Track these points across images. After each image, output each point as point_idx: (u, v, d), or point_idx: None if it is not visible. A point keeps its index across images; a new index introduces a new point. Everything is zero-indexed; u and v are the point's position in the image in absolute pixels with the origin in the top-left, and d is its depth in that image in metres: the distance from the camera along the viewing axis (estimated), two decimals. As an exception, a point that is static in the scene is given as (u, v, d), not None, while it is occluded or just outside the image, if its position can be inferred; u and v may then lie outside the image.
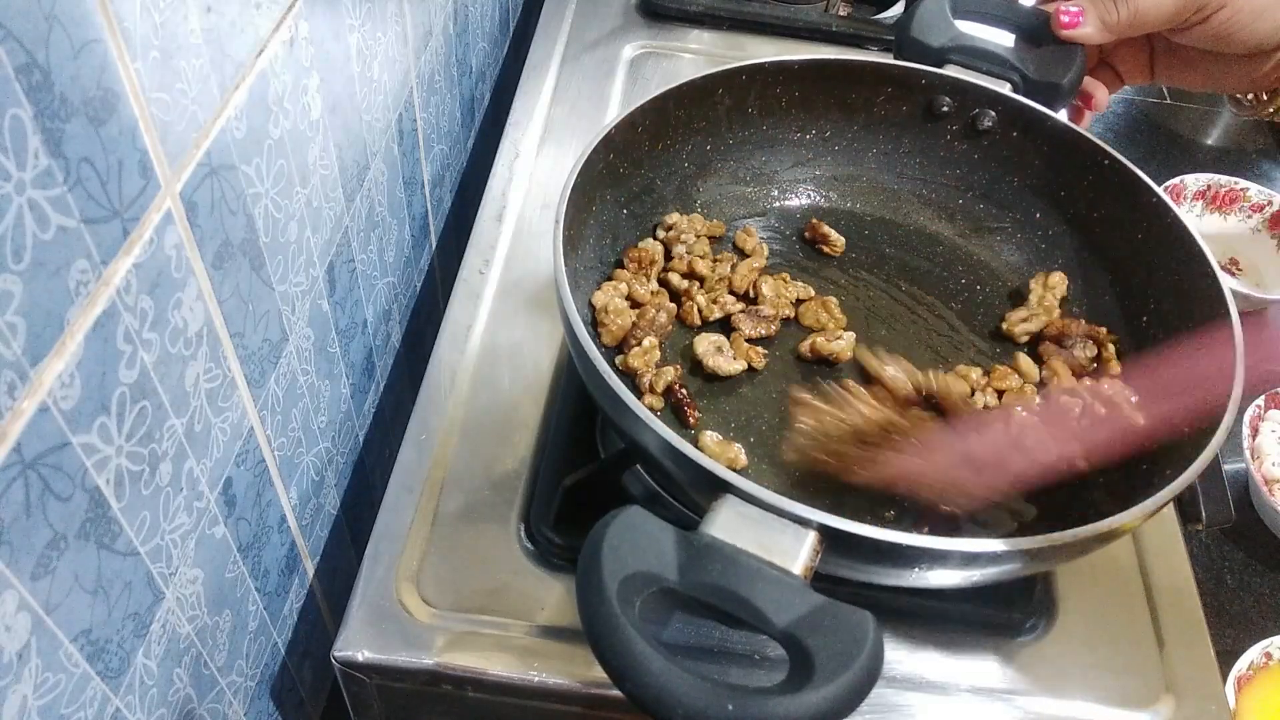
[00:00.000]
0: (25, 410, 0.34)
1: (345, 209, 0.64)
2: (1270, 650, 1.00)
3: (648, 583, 0.41)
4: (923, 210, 0.75)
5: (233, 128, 0.46)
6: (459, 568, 0.59)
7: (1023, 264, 0.72)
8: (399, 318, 0.82)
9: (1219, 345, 0.56)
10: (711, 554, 0.42)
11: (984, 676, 0.58)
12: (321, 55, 0.55)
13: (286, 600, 0.65)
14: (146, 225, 0.40)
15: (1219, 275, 0.59)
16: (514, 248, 0.77)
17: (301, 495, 0.64)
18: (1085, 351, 0.64)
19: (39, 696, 0.38)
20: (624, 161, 0.66)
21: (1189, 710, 0.58)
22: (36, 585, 0.37)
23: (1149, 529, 0.65)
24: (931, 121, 0.73)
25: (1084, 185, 0.68)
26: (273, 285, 0.54)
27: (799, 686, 0.38)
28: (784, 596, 0.41)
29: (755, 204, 0.75)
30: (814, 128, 0.74)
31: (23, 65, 0.31)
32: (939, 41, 0.72)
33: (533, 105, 0.90)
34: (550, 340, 0.71)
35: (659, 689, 0.38)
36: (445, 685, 0.56)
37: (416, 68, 0.75)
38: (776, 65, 0.70)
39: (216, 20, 0.43)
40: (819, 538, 0.43)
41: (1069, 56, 0.71)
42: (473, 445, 0.65)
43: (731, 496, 0.44)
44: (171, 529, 0.47)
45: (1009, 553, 0.46)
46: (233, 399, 0.51)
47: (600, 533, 0.42)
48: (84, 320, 0.37)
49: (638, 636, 0.38)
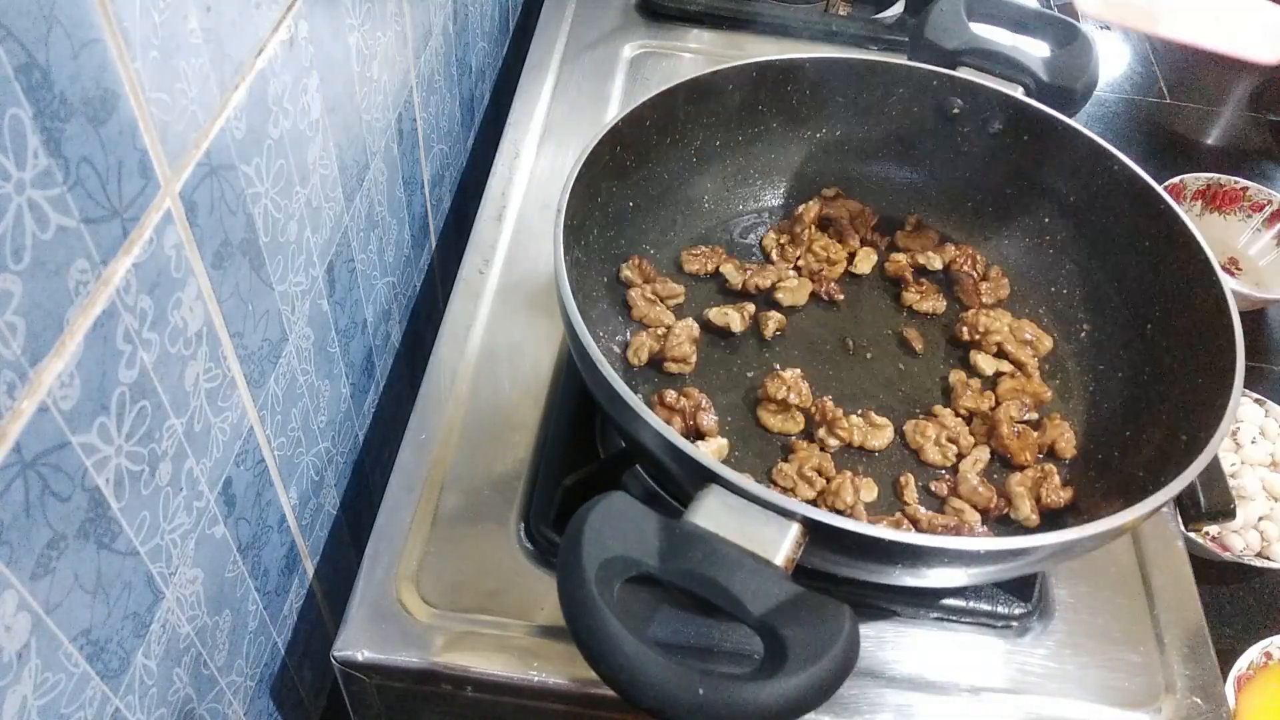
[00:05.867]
0: (25, 410, 0.34)
1: (345, 209, 0.64)
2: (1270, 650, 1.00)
3: (628, 567, 0.42)
4: (931, 211, 0.75)
5: (232, 127, 0.46)
6: (458, 567, 0.59)
7: (1029, 268, 0.72)
8: (399, 317, 0.82)
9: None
10: (693, 541, 0.43)
11: (984, 676, 0.58)
12: (321, 55, 0.55)
13: (286, 600, 0.65)
14: (146, 225, 0.40)
15: (1223, 284, 0.59)
16: (514, 247, 0.77)
17: (301, 495, 0.64)
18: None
19: (39, 696, 0.38)
20: (630, 155, 0.65)
21: (1189, 710, 0.58)
22: (36, 585, 0.37)
23: (1149, 529, 0.65)
24: (943, 123, 0.73)
25: (1093, 191, 0.68)
26: (272, 285, 0.54)
27: (771, 674, 0.39)
28: (763, 586, 0.41)
29: (762, 201, 0.75)
30: (824, 126, 0.74)
31: (23, 65, 0.31)
32: (952, 44, 0.73)
33: (533, 105, 0.90)
34: (550, 340, 0.71)
35: (632, 671, 0.38)
36: (445, 685, 0.56)
37: (416, 67, 0.75)
38: (788, 63, 0.70)
39: (216, 20, 0.43)
40: (802, 530, 0.44)
41: (1082, 62, 0.71)
42: (472, 445, 0.65)
43: (717, 486, 0.45)
44: (171, 529, 0.47)
45: (1004, 552, 0.46)
46: (232, 399, 0.51)
47: (583, 516, 0.42)
48: (84, 320, 0.37)
49: (613, 618, 0.39)
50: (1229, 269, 1.40)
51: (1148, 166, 0.65)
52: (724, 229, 0.74)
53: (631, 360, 0.64)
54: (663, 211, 0.71)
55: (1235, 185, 1.44)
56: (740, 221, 0.74)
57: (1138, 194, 0.65)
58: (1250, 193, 1.44)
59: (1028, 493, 0.59)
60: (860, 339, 0.68)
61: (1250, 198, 1.44)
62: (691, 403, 0.61)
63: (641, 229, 0.69)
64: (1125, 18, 1.86)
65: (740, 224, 0.74)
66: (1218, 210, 1.44)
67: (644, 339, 0.64)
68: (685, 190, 0.72)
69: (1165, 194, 0.64)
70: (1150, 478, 0.53)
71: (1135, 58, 1.87)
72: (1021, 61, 0.72)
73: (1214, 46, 1.79)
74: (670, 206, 0.71)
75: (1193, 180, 1.44)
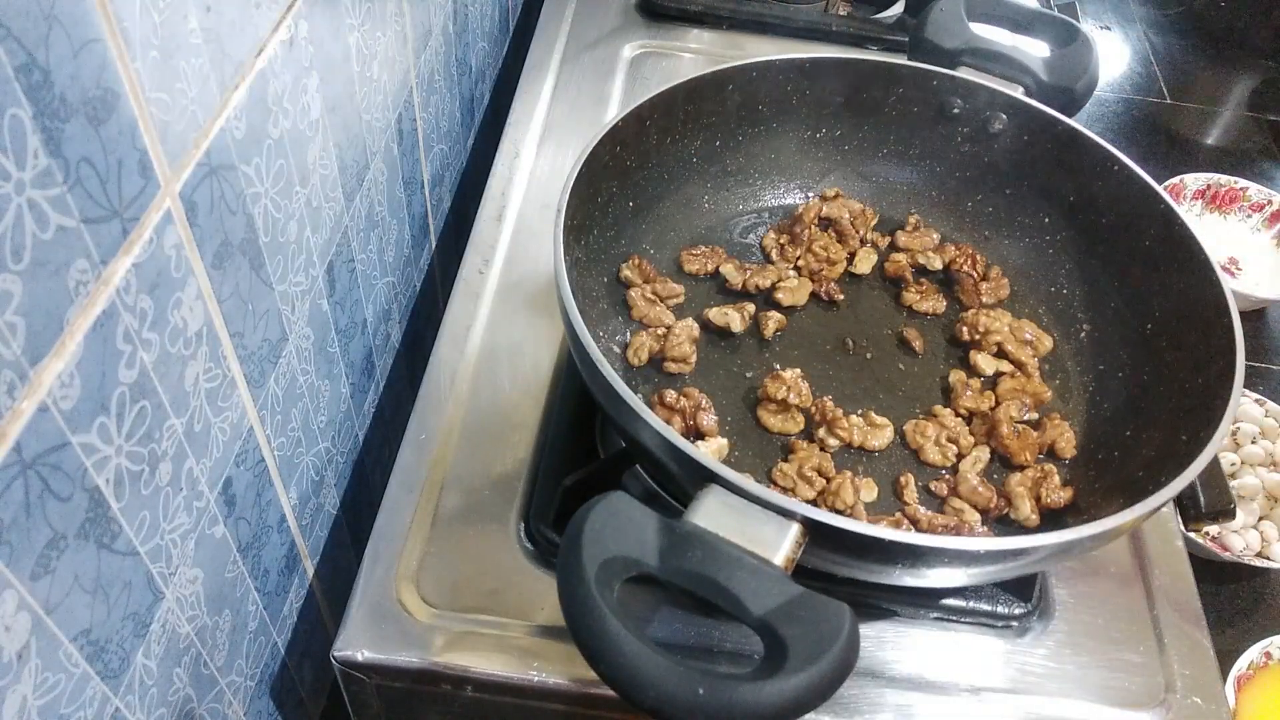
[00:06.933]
0: (25, 410, 0.34)
1: (345, 209, 0.64)
2: (1270, 650, 1.00)
3: (628, 567, 0.42)
4: (931, 211, 0.75)
5: (232, 127, 0.46)
6: (458, 567, 0.59)
7: (1029, 268, 0.72)
8: (399, 317, 0.82)
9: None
10: (693, 541, 0.43)
11: (984, 676, 0.58)
12: (321, 55, 0.55)
13: (286, 600, 0.65)
14: (146, 225, 0.40)
15: (1223, 284, 0.59)
16: (514, 248, 0.77)
17: (301, 495, 0.64)
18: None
19: (39, 696, 0.38)
20: (630, 155, 0.65)
21: (1189, 710, 0.58)
22: (36, 585, 0.37)
23: (1149, 529, 0.65)
24: (942, 123, 0.73)
25: (1093, 191, 0.68)
26: (272, 285, 0.54)
27: (771, 674, 0.39)
28: (762, 585, 0.41)
29: (762, 200, 0.75)
30: (824, 126, 0.74)
31: (23, 65, 0.31)
32: (952, 44, 0.73)
33: (532, 105, 0.90)
34: (550, 340, 0.71)
35: (632, 670, 0.38)
36: (444, 685, 0.56)
37: (416, 67, 0.75)
38: (788, 63, 0.70)
39: (216, 20, 0.43)
40: (802, 530, 0.44)
41: (1082, 62, 0.71)
42: (472, 445, 0.65)
43: (716, 486, 0.45)
44: (171, 529, 0.47)
45: (1004, 552, 0.46)
46: (232, 399, 0.51)
47: (583, 516, 0.42)
48: (84, 320, 0.37)
49: (613, 618, 0.39)
50: (1229, 269, 1.40)
51: (1148, 166, 0.66)
52: (724, 229, 0.74)
53: (631, 360, 0.64)
54: (663, 211, 0.71)
55: (1235, 185, 1.44)
56: (740, 221, 0.74)
57: (1138, 194, 0.65)
58: (1250, 193, 1.44)
59: (1028, 493, 0.59)
60: (860, 339, 0.68)
61: (1250, 198, 1.44)
62: (691, 403, 0.61)
63: (641, 229, 0.69)
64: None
65: (740, 224, 0.74)
66: (1218, 210, 1.44)
67: (644, 339, 0.64)
68: (685, 190, 0.72)
69: (1165, 194, 0.64)
70: (1150, 478, 0.53)
71: (1135, 58, 1.87)
72: (1021, 61, 0.72)
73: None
74: (670, 206, 0.71)
75: (1193, 180, 1.44)
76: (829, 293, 0.70)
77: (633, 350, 0.64)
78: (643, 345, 0.64)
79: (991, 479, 0.61)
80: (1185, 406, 0.57)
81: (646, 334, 0.65)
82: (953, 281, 0.72)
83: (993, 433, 0.62)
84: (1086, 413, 0.65)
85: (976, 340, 0.67)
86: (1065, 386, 0.67)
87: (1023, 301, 0.71)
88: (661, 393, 0.62)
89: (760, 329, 0.67)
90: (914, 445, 0.62)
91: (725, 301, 0.69)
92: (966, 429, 0.63)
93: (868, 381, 0.66)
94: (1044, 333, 0.68)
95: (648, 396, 0.63)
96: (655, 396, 0.62)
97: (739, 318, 0.66)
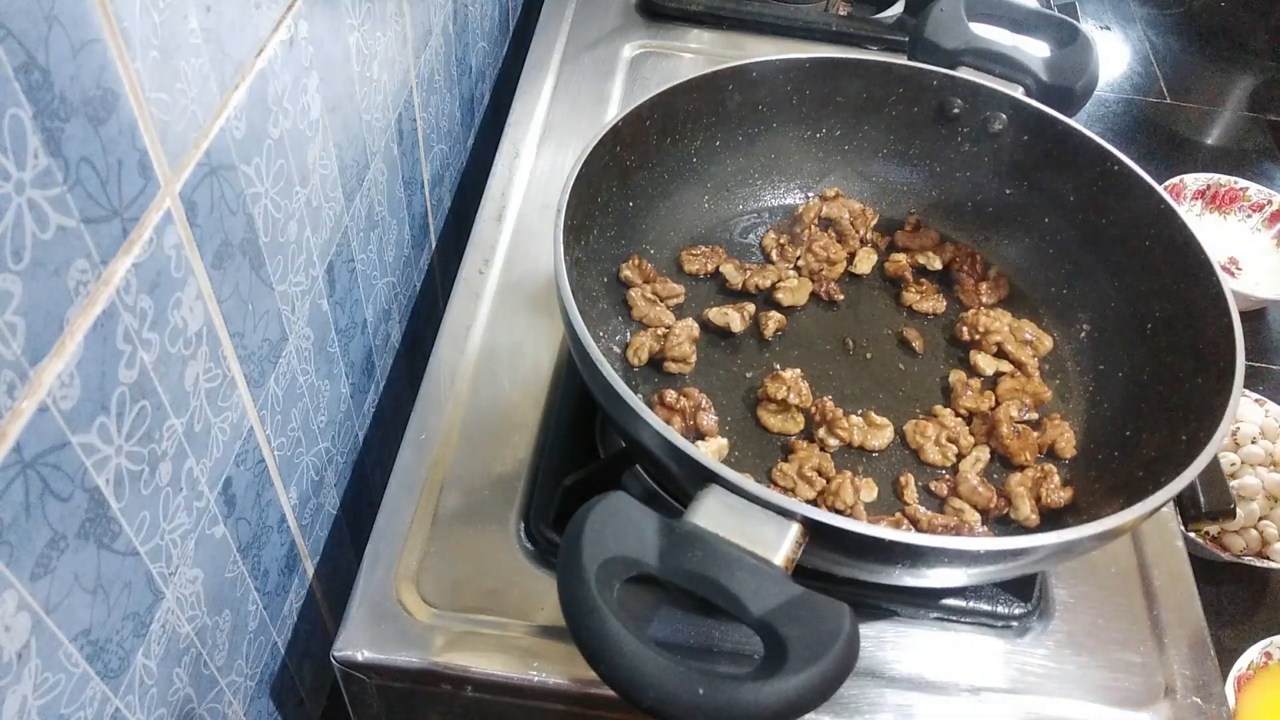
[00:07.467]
0: (25, 410, 0.34)
1: (345, 209, 0.64)
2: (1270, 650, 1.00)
3: (628, 567, 0.42)
4: (931, 211, 0.75)
5: (232, 127, 0.46)
6: (458, 567, 0.59)
7: (1029, 268, 0.72)
8: (399, 317, 0.82)
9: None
10: (693, 541, 0.43)
11: (984, 676, 0.58)
12: (321, 55, 0.55)
13: (286, 600, 0.65)
14: (146, 225, 0.40)
15: (1223, 284, 0.59)
16: (514, 248, 0.77)
17: (301, 495, 0.64)
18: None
19: (39, 696, 0.38)
20: (630, 155, 0.65)
21: (1189, 710, 0.58)
22: (36, 585, 0.37)
23: (1149, 529, 0.65)
24: (942, 123, 0.73)
25: (1093, 191, 0.68)
26: (272, 285, 0.54)
27: (771, 674, 0.39)
28: (762, 585, 0.41)
29: (761, 200, 0.75)
30: (824, 126, 0.74)
31: (22, 65, 0.31)
32: (952, 44, 0.73)
33: (533, 105, 0.90)
34: (550, 340, 0.71)
35: (631, 670, 0.38)
36: (444, 685, 0.56)
37: (416, 67, 0.75)
38: (788, 63, 0.70)
39: (216, 20, 0.43)
40: (802, 530, 0.44)
41: (1082, 62, 0.71)
42: (472, 445, 0.65)
43: (716, 486, 0.45)
44: (171, 529, 0.47)
45: (1004, 552, 0.46)
46: (232, 399, 0.51)
47: (583, 516, 0.42)
48: (84, 320, 0.37)
49: (613, 618, 0.39)
50: (1229, 269, 1.40)
51: (1148, 166, 0.66)
52: (724, 229, 0.74)
53: (631, 360, 0.64)
54: (663, 211, 0.71)
55: (1235, 185, 1.44)
56: (740, 221, 0.74)
57: (1138, 194, 0.65)
58: (1250, 193, 1.44)
59: (1028, 493, 0.59)
60: (860, 339, 0.68)
61: (1250, 198, 1.44)
62: (691, 403, 0.61)
63: (641, 229, 0.69)
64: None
65: (740, 224, 0.74)
66: (1218, 210, 1.44)
67: (644, 339, 0.64)
68: (685, 190, 0.72)
69: (1165, 194, 0.64)
70: (1150, 478, 0.53)
71: (1135, 58, 1.87)
72: (1021, 61, 0.72)
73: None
74: (670, 206, 0.71)
75: (1193, 180, 1.44)
76: (829, 293, 0.70)
77: (633, 350, 0.64)
78: (643, 345, 0.64)
79: (991, 479, 0.61)
80: (1185, 406, 0.57)
81: (646, 334, 0.65)
82: (953, 281, 0.72)
83: (993, 433, 0.62)
84: (1086, 413, 0.65)
85: (976, 340, 0.67)
86: (1065, 386, 0.67)
87: (1023, 301, 0.71)
88: (661, 393, 0.62)
89: (760, 329, 0.67)
90: (914, 445, 0.62)
91: (725, 301, 0.69)
92: (966, 429, 0.63)
93: (868, 381, 0.66)
94: (1044, 333, 0.68)
95: (648, 396, 0.63)
96: (655, 396, 0.62)
97: (739, 318, 0.66)
